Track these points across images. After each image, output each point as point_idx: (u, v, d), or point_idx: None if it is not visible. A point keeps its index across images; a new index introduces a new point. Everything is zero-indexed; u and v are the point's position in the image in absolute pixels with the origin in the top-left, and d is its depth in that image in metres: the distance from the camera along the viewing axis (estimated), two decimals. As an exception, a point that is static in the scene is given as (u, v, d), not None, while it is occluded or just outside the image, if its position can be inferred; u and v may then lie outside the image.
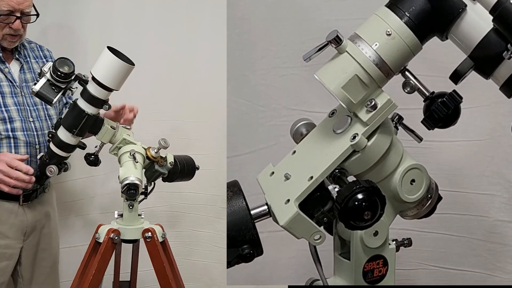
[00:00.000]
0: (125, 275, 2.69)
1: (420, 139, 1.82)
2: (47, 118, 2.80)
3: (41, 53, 2.95)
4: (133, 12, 3.38)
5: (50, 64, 2.34)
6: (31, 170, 2.41)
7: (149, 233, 2.39)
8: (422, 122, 1.68)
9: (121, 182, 2.32)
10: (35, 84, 2.32)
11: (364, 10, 1.83)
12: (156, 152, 2.43)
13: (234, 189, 1.73)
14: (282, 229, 1.65)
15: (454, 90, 1.66)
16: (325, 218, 1.67)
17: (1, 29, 2.68)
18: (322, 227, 1.68)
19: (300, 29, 3.12)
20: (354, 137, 1.64)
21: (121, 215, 2.46)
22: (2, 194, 2.61)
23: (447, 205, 2.18)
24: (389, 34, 1.61)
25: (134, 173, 2.33)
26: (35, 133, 2.72)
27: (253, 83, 3.24)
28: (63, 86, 2.34)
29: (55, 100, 2.31)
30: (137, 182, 2.30)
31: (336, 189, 1.61)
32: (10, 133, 2.66)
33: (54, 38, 3.01)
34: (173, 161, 2.48)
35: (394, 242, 1.89)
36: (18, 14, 2.66)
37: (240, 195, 1.70)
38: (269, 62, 3.21)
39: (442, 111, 1.63)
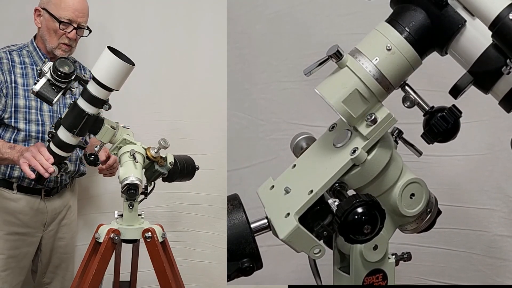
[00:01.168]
0: (125, 275, 2.69)
1: (419, 153, 1.82)
2: None
3: (82, 72, 3.07)
4: (133, 12, 3.40)
5: (50, 64, 2.35)
6: (51, 159, 2.40)
7: (149, 233, 2.39)
8: (421, 136, 1.69)
9: (121, 182, 2.32)
10: (35, 84, 2.33)
11: (364, 25, 1.84)
12: (156, 152, 2.43)
13: (234, 203, 1.73)
14: (281, 243, 1.65)
15: (453, 105, 1.66)
16: (324, 232, 1.68)
17: (58, 37, 2.86)
18: (321, 241, 1.68)
19: (301, 43, 3.13)
20: (354, 151, 1.65)
21: (121, 215, 2.46)
22: (25, 189, 2.89)
23: (446, 219, 2.17)
24: (389, 49, 1.62)
25: (134, 173, 2.33)
26: None
27: (254, 96, 3.25)
28: (63, 86, 2.34)
29: (55, 100, 2.30)
30: (137, 182, 2.30)
31: (336, 203, 1.61)
32: (40, 134, 2.83)
33: None
34: (173, 161, 2.48)
35: (394, 256, 1.89)
36: (75, 25, 2.86)
37: (240, 208, 1.71)
38: (269, 76, 3.22)
39: (441, 125, 1.63)
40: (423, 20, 1.62)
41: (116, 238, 2.36)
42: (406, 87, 1.70)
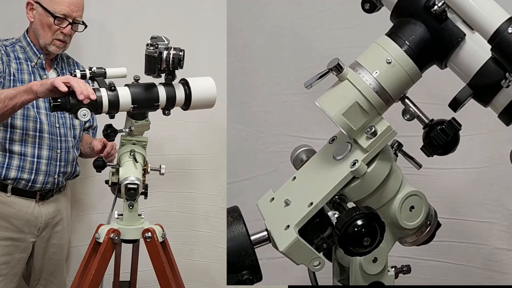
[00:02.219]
0: (125, 275, 2.70)
1: (419, 166, 1.83)
2: (72, 127, 2.93)
3: (76, 68, 2.95)
4: (133, 12, 3.38)
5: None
6: (94, 96, 2.30)
7: (149, 233, 2.40)
8: (421, 149, 1.69)
9: (121, 182, 2.34)
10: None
11: (364, 39, 1.85)
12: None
13: (234, 215, 1.73)
14: (280, 256, 1.66)
15: (453, 118, 1.67)
16: (324, 244, 1.68)
17: (52, 32, 2.79)
18: (321, 253, 1.68)
19: (301, 56, 3.14)
20: (354, 164, 1.65)
21: (121, 215, 2.46)
22: (20, 191, 2.81)
23: (446, 232, 2.18)
24: (389, 62, 1.63)
25: (134, 173, 2.35)
26: (59, 138, 2.86)
27: (254, 109, 3.25)
28: None
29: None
30: (137, 182, 2.31)
31: (336, 215, 1.61)
32: (37, 133, 2.78)
33: None
34: None
35: (393, 269, 1.89)
36: (70, 20, 2.80)
37: (240, 220, 1.71)
38: (269, 89, 3.22)
39: (441, 138, 1.64)
40: (423, 33, 1.63)
41: (116, 238, 2.37)
42: (406, 100, 1.70)
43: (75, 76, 2.34)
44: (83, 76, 2.35)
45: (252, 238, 1.69)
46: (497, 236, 3.14)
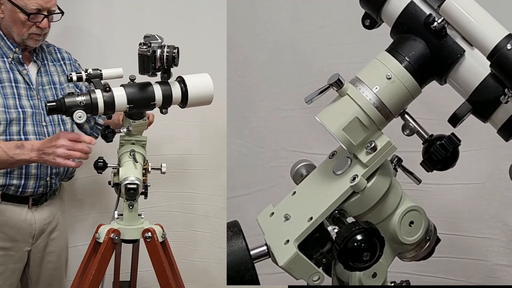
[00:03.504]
0: (125, 275, 2.71)
1: (419, 181, 1.83)
2: (60, 122, 2.80)
3: (59, 56, 2.94)
4: (133, 12, 3.37)
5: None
6: (94, 141, 2.41)
7: (149, 233, 2.40)
8: (421, 164, 1.70)
9: (121, 182, 2.34)
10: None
11: (364, 55, 1.85)
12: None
13: (234, 229, 1.74)
14: (279, 271, 1.66)
15: (452, 133, 1.68)
16: (324, 259, 1.68)
17: (27, 28, 2.65)
18: (320, 268, 1.68)
19: (301, 72, 3.15)
20: (354, 179, 1.66)
21: (121, 215, 2.46)
22: (11, 197, 2.68)
23: (445, 248, 2.18)
24: (389, 78, 1.64)
25: (134, 173, 2.35)
26: (47, 137, 2.66)
27: (254, 124, 3.26)
28: None
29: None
30: (137, 182, 2.31)
31: (336, 230, 1.62)
32: (22, 136, 2.64)
33: (54, 38, 2.98)
34: None
35: (393, 284, 1.89)
36: (45, 13, 2.65)
37: (240, 235, 1.71)
38: (270, 104, 3.23)
39: (440, 153, 1.64)
40: (423, 50, 1.64)
41: (116, 238, 2.37)
42: (406, 115, 1.71)
43: (71, 78, 2.34)
44: (79, 79, 2.35)
45: (251, 252, 1.69)
46: (497, 252, 3.14)
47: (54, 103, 2.28)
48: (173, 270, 2.52)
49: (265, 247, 1.73)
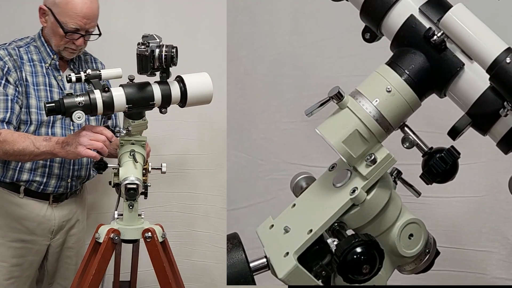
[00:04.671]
0: (125, 275, 2.70)
1: (418, 194, 1.83)
2: None
3: (94, 65, 3.01)
4: (133, 13, 3.39)
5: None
6: (114, 137, 2.43)
7: (149, 233, 2.39)
8: (420, 177, 1.70)
9: (121, 182, 2.33)
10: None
11: (364, 68, 1.86)
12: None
13: (234, 242, 1.74)
14: (279, 284, 1.66)
15: (452, 146, 1.68)
16: (323, 272, 1.68)
17: (64, 42, 2.72)
18: (320, 281, 1.68)
19: (301, 84, 3.16)
20: (354, 191, 1.66)
21: (121, 215, 2.45)
22: (33, 193, 2.77)
23: (444, 261, 2.18)
24: (389, 91, 1.64)
25: (134, 173, 2.35)
26: None
27: (254, 137, 3.26)
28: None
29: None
30: (137, 182, 2.31)
31: (335, 243, 1.62)
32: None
33: None
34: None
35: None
36: (83, 33, 2.72)
37: (240, 247, 1.71)
38: (269, 117, 3.24)
39: (440, 166, 1.65)
40: (423, 63, 1.65)
41: (116, 238, 2.36)
42: (406, 128, 1.72)
43: (70, 79, 2.34)
44: (78, 79, 2.34)
45: (251, 265, 1.70)
46: (496, 266, 3.14)
47: (53, 104, 2.28)
48: (173, 270, 2.51)
49: (264, 260, 1.73)
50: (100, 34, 2.82)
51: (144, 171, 2.46)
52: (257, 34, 3.23)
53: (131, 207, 2.40)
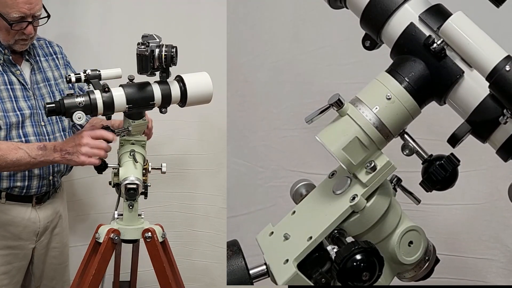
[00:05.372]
0: (125, 275, 2.70)
1: (418, 201, 1.83)
2: (58, 120, 2.79)
3: (50, 50, 2.92)
4: (131, 13, 3.37)
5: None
6: (115, 137, 2.42)
7: (149, 233, 2.39)
8: (420, 184, 1.70)
9: (121, 182, 2.34)
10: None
11: (364, 75, 1.86)
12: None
13: (233, 249, 1.74)
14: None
15: (451, 153, 1.68)
16: (323, 279, 1.68)
17: (12, 35, 2.60)
18: (319, 288, 1.69)
19: (301, 91, 3.17)
20: (354, 198, 1.66)
21: (121, 215, 2.46)
22: (15, 197, 2.70)
23: (444, 269, 2.17)
24: (389, 98, 1.65)
25: (134, 173, 2.35)
26: (47, 137, 2.71)
27: (253, 144, 3.27)
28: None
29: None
30: (137, 182, 2.32)
31: (335, 250, 1.62)
32: (22, 138, 2.64)
33: (53, 38, 2.99)
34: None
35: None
36: (30, 19, 2.58)
37: (240, 254, 1.72)
38: (269, 124, 3.24)
39: (440, 173, 1.65)
40: (422, 70, 1.65)
41: (116, 238, 2.37)
42: (405, 136, 1.72)
43: (70, 80, 2.33)
44: (78, 79, 2.34)
45: (251, 272, 1.70)
46: (496, 273, 3.13)
47: (53, 105, 2.28)
48: (173, 270, 2.52)
49: (264, 267, 1.73)
50: (48, 16, 2.69)
51: (144, 171, 2.45)
52: (257, 41, 3.24)
53: (131, 207, 2.40)
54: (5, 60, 2.68)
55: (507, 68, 1.50)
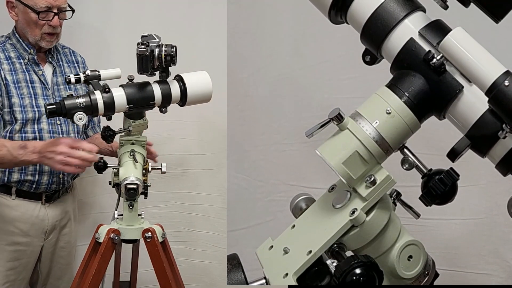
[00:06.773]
0: (125, 275, 2.70)
1: (417, 215, 1.84)
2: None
3: (73, 58, 3.00)
4: (133, 13, 3.39)
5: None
6: (95, 148, 2.40)
7: (149, 233, 2.39)
8: (419, 198, 1.70)
9: (121, 182, 2.34)
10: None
11: (364, 90, 1.87)
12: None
13: (233, 262, 1.74)
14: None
15: (451, 168, 1.68)
16: (322, 293, 1.68)
17: (39, 28, 2.70)
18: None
19: (301, 106, 3.17)
20: (353, 212, 1.66)
21: (121, 215, 2.46)
22: (25, 194, 2.76)
23: (443, 283, 2.17)
24: (389, 113, 1.65)
25: (134, 173, 2.36)
26: (61, 135, 2.77)
27: (253, 158, 3.27)
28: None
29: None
30: (137, 182, 2.32)
31: (335, 264, 1.62)
32: (37, 134, 2.72)
33: None
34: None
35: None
36: (56, 11, 2.70)
37: (239, 268, 1.72)
38: (269, 138, 3.25)
39: (439, 188, 1.65)
40: (422, 85, 1.66)
41: (116, 238, 2.37)
42: (405, 150, 1.72)
43: (69, 80, 2.34)
44: (77, 80, 2.34)
45: (250, 285, 1.70)
46: (495, 289, 3.13)
47: (54, 106, 2.29)
48: (173, 270, 2.52)
49: (263, 281, 1.73)
50: (73, 10, 2.79)
51: (144, 171, 2.46)
52: (257, 56, 3.25)
53: (131, 207, 2.41)
54: (29, 60, 2.77)
55: (506, 83, 1.51)
